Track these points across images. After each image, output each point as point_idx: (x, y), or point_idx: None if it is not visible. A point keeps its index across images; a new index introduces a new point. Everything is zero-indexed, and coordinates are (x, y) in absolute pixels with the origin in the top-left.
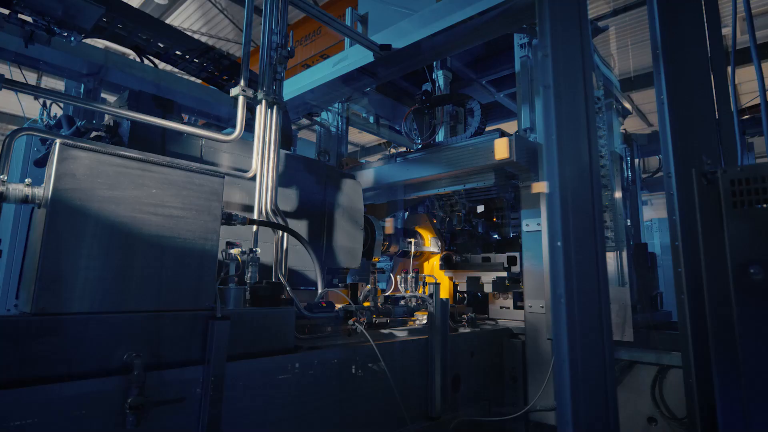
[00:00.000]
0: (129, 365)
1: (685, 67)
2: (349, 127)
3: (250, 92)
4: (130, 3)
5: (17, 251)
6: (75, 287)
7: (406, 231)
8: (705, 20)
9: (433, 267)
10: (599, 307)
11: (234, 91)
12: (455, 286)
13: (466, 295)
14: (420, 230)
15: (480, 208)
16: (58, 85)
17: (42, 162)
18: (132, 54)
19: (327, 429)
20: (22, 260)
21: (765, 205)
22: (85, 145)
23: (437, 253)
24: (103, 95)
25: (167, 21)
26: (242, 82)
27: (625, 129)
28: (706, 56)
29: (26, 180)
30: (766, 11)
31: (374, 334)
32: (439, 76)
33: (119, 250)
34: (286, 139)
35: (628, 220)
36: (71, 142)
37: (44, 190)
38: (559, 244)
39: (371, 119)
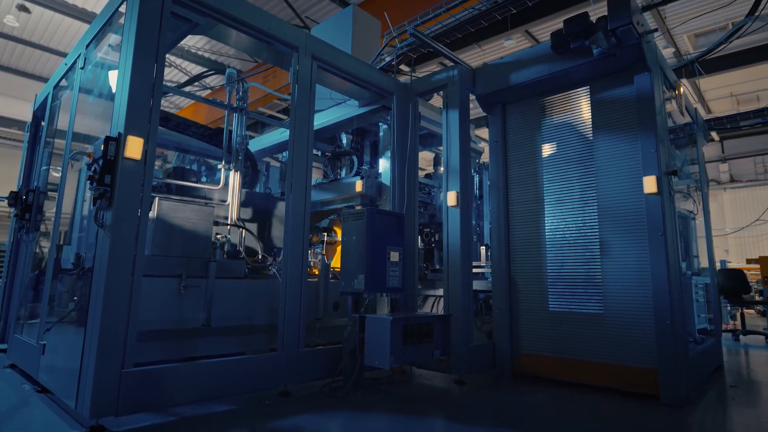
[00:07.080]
0: (180, 273)
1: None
2: None
3: (227, 166)
4: None
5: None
6: (161, 246)
7: (328, 229)
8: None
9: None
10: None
11: (219, 165)
12: None
13: None
14: (335, 228)
15: None
16: None
17: None
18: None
19: (256, 315)
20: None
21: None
22: (165, 196)
23: None
24: None
25: None
26: (223, 162)
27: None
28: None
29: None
30: None
31: None
32: (343, 137)
33: (175, 234)
34: (254, 166)
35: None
36: (163, 196)
37: (154, 214)
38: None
39: (320, 154)
